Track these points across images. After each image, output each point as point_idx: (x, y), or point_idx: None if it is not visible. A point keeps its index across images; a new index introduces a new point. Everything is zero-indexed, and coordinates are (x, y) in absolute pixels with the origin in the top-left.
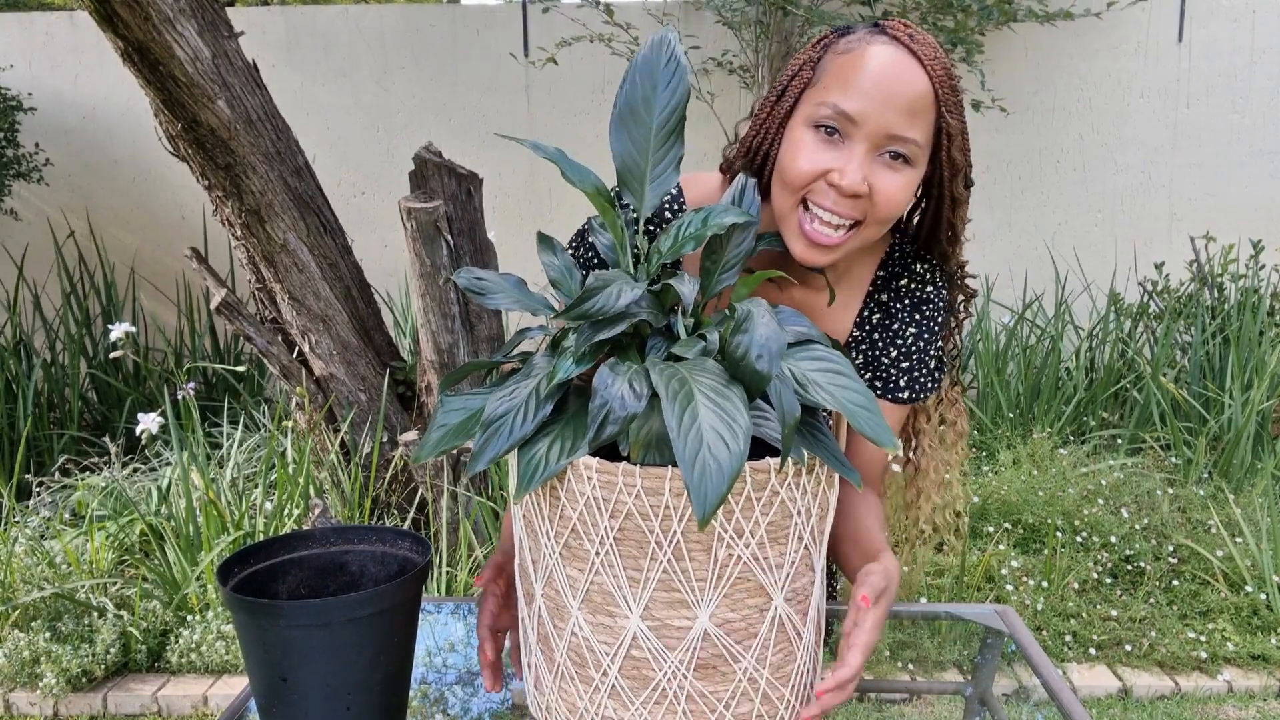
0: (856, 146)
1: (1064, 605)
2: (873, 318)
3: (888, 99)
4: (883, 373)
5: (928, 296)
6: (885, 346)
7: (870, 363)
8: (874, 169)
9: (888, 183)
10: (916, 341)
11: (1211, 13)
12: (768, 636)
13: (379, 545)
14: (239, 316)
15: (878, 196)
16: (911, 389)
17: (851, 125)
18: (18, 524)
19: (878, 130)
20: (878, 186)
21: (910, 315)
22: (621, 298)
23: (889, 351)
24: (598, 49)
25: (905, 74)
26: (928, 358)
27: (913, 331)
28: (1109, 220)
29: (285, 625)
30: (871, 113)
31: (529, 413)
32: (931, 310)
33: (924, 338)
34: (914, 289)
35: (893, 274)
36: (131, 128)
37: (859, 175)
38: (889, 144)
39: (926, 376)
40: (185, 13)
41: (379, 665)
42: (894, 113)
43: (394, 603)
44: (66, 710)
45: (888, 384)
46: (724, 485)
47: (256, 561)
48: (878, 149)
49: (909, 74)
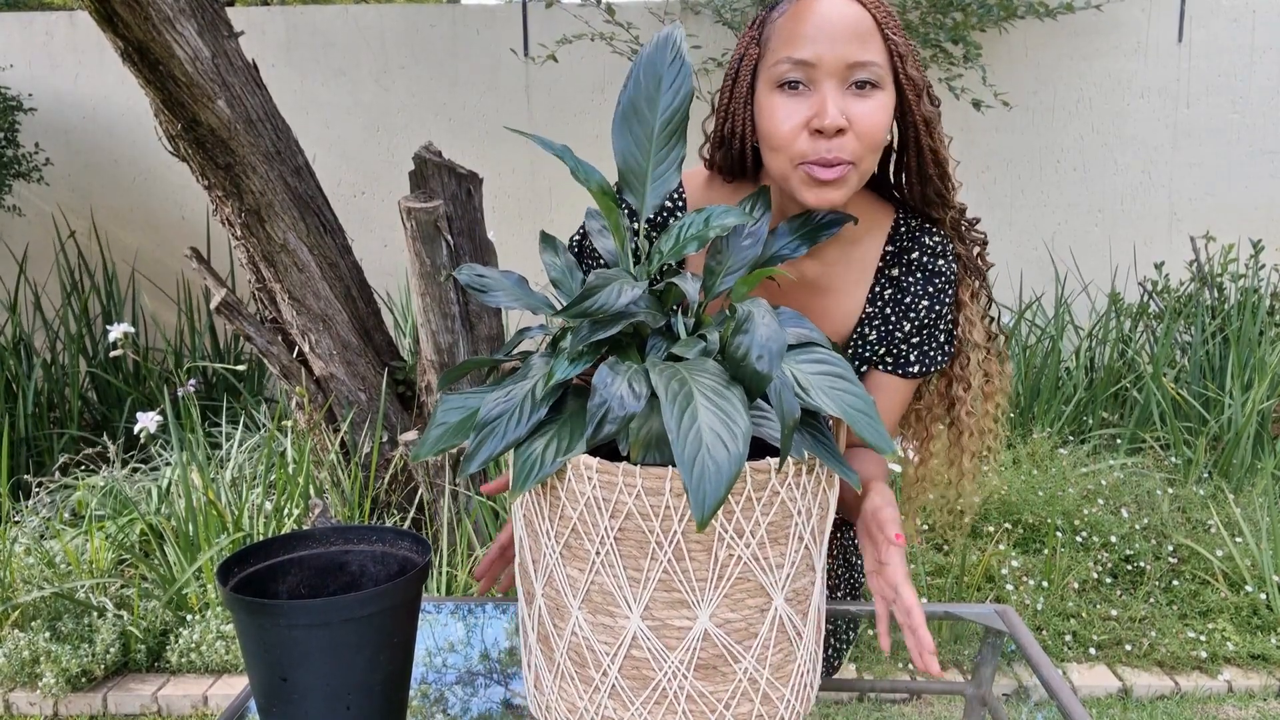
0: (824, 86)
1: (1064, 605)
2: (885, 293)
3: (833, 34)
4: (895, 348)
5: (939, 269)
6: (899, 320)
7: (884, 338)
8: (847, 102)
9: (862, 109)
10: (929, 314)
11: (1211, 13)
12: (768, 636)
13: (379, 545)
14: (239, 316)
15: (858, 126)
16: (921, 363)
17: (812, 69)
18: (17, 524)
19: (836, 64)
20: (855, 116)
21: (924, 288)
22: (622, 296)
23: (903, 325)
24: (598, 49)
25: (840, 9)
26: (938, 331)
27: (925, 304)
28: (1109, 220)
29: (285, 625)
30: (824, 51)
31: (524, 415)
32: (943, 283)
33: (935, 310)
34: (926, 262)
35: (902, 248)
36: (132, 127)
37: (836, 110)
38: (851, 73)
39: (936, 350)
40: (185, 12)
41: (379, 665)
42: (843, 43)
43: (394, 603)
44: (66, 710)
45: (899, 359)
46: (722, 487)
47: (256, 561)
48: (843, 81)
49: (843, 8)
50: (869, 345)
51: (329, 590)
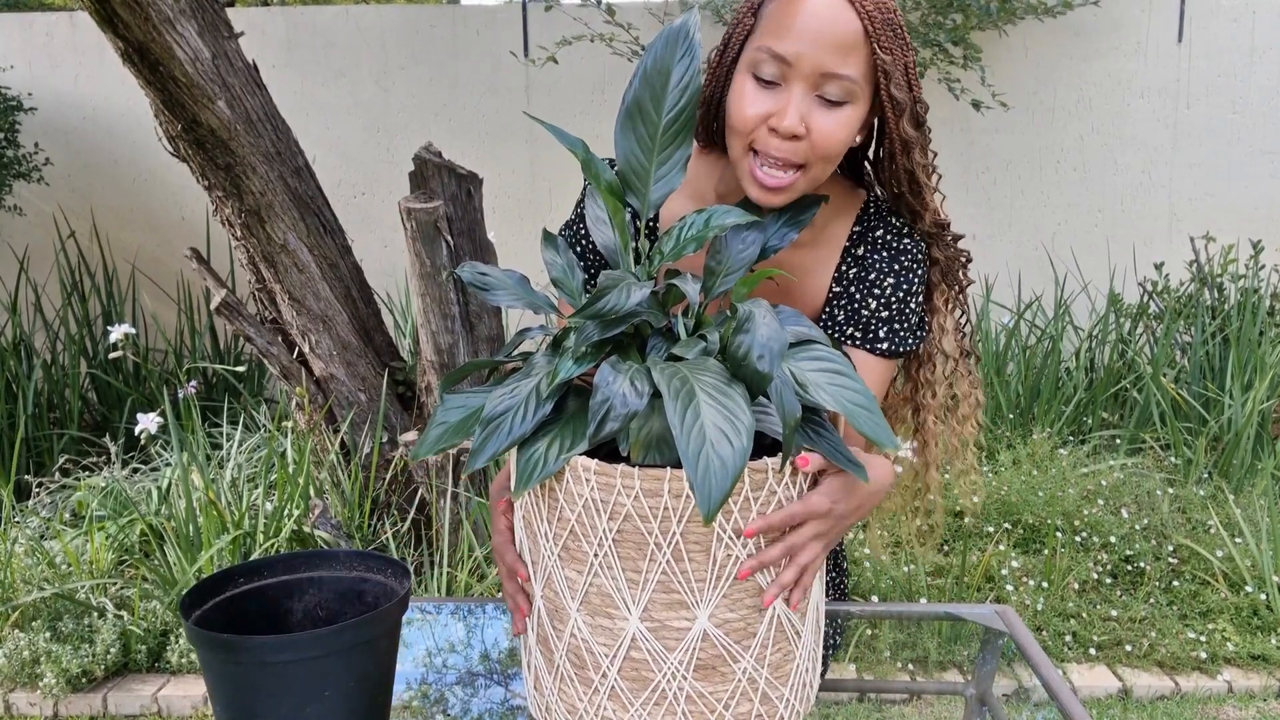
0: (793, 87)
1: (1064, 605)
2: (850, 272)
3: (817, 38)
4: (862, 324)
5: (905, 248)
6: (864, 298)
7: (851, 317)
8: (811, 110)
9: (824, 122)
10: (895, 292)
11: (1211, 13)
12: (766, 636)
13: (356, 571)
14: (239, 317)
15: (815, 136)
16: (891, 340)
17: (786, 67)
18: (18, 524)
19: (811, 70)
20: (815, 126)
21: (889, 265)
22: (631, 297)
23: (868, 303)
24: (598, 50)
25: (834, 13)
26: (908, 310)
27: (890, 282)
28: (1109, 220)
29: (248, 662)
30: (804, 53)
31: (529, 411)
32: (910, 261)
33: (903, 288)
34: (890, 240)
35: (868, 227)
36: (132, 128)
37: (796, 116)
38: (824, 83)
39: (907, 331)
40: (185, 13)
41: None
42: (825, 51)
43: (368, 637)
44: (66, 710)
45: (866, 334)
46: (728, 481)
47: (215, 594)
48: (814, 88)
49: (838, 12)
50: (837, 326)
51: (294, 618)
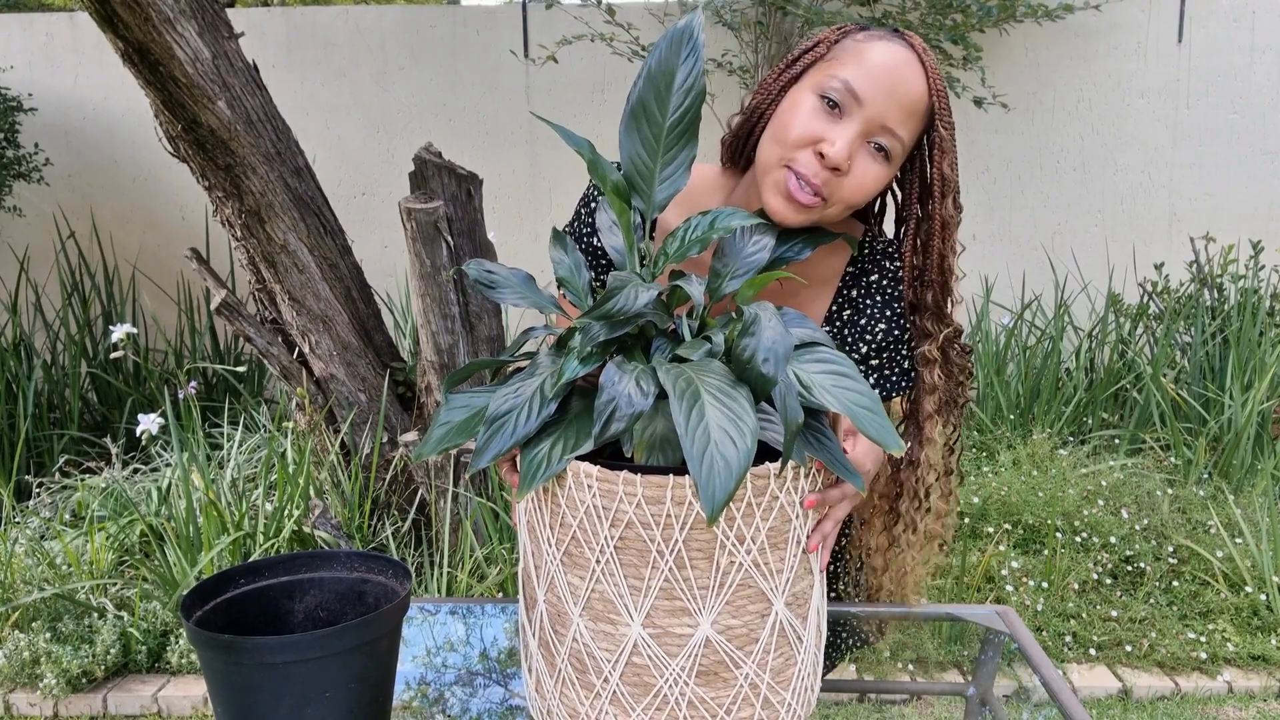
0: (853, 124)
1: (1064, 606)
2: (842, 313)
3: (892, 90)
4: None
5: (900, 294)
6: (855, 342)
7: None
8: (858, 152)
9: (865, 167)
10: (887, 338)
11: (1211, 13)
12: (769, 641)
13: (357, 571)
14: (239, 317)
15: (851, 178)
16: (882, 387)
17: (854, 103)
18: (18, 524)
19: (875, 116)
20: (856, 169)
21: (881, 311)
22: (639, 299)
23: (858, 348)
24: (598, 50)
25: (911, 75)
26: (899, 356)
27: (882, 328)
28: (1109, 220)
29: (248, 663)
30: (877, 98)
31: (533, 410)
32: (902, 308)
33: (894, 334)
34: (885, 286)
35: (863, 270)
36: (132, 128)
37: (846, 150)
38: (879, 134)
39: (899, 376)
40: (185, 14)
41: (353, 703)
42: (894, 105)
43: (368, 638)
44: (66, 711)
45: None
46: (732, 482)
47: (216, 595)
48: (869, 135)
49: (914, 76)
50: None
51: (296, 619)
